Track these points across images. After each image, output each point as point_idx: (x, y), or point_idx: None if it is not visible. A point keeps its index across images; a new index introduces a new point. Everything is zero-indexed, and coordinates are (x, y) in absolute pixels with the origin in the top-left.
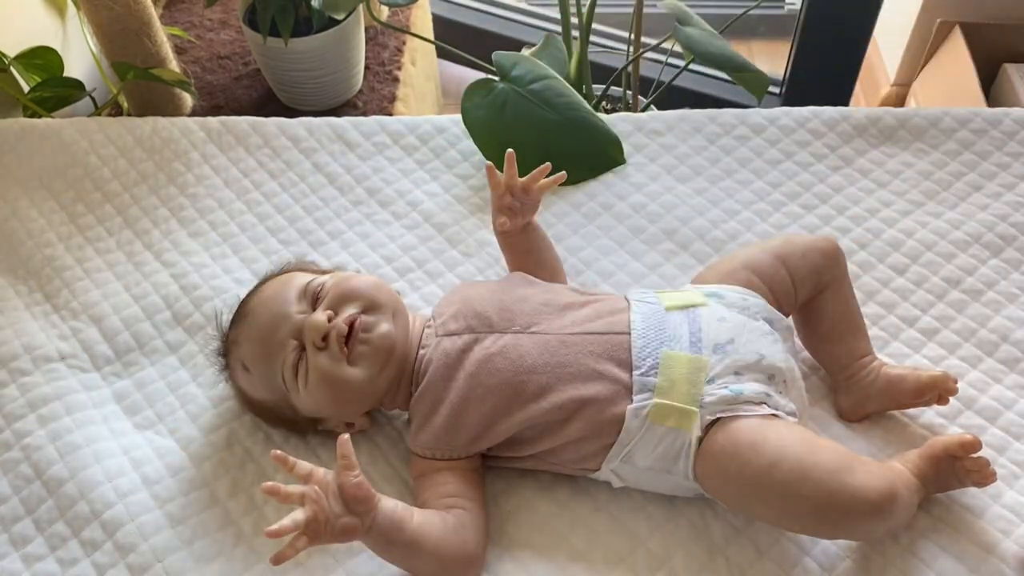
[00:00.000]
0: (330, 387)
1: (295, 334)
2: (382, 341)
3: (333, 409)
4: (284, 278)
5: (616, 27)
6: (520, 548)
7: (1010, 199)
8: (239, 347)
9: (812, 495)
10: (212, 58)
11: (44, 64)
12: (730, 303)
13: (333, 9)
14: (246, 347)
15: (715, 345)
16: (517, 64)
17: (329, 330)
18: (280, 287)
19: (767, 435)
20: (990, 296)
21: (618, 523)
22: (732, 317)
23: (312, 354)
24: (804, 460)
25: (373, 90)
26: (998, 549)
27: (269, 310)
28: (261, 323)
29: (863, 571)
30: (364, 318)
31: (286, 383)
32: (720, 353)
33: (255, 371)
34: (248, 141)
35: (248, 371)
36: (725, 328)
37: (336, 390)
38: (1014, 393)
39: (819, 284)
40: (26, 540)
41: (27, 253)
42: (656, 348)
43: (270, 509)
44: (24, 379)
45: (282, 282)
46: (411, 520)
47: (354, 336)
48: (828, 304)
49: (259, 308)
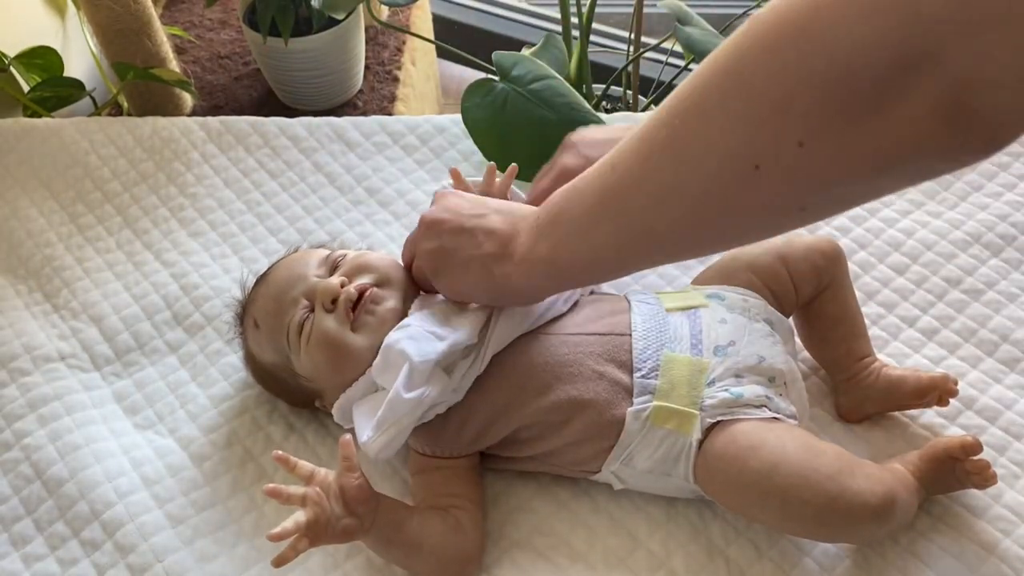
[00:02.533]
0: (329, 349)
1: (308, 295)
2: (388, 314)
3: (329, 374)
4: (309, 249)
5: (616, 27)
6: (520, 549)
7: (1010, 199)
8: (254, 304)
9: (811, 500)
10: (212, 58)
11: (44, 64)
12: (731, 305)
13: (333, 9)
14: (260, 303)
15: (716, 347)
16: (517, 64)
17: (339, 293)
18: (303, 254)
19: (766, 439)
20: (990, 296)
21: (618, 524)
22: (733, 319)
23: (319, 315)
24: (804, 464)
25: (373, 90)
26: (998, 549)
27: (289, 271)
28: (279, 280)
29: (863, 571)
30: (375, 290)
31: (289, 342)
32: (721, 355)
33: (264, 327)
34: (248, 141)
35: (258, 327)
36: (726, 330)
37: (334, 353)
38: (1014, 393)
39: (820, 284)
40: (26, 540)
41: (27, 253)
42: (657, 350)
43: (270, 509)
44: (24, 379)
45: (306, 251)
46: (411, 520)
47: (362, 304)
48: (829, 305)
49: (280, 269)
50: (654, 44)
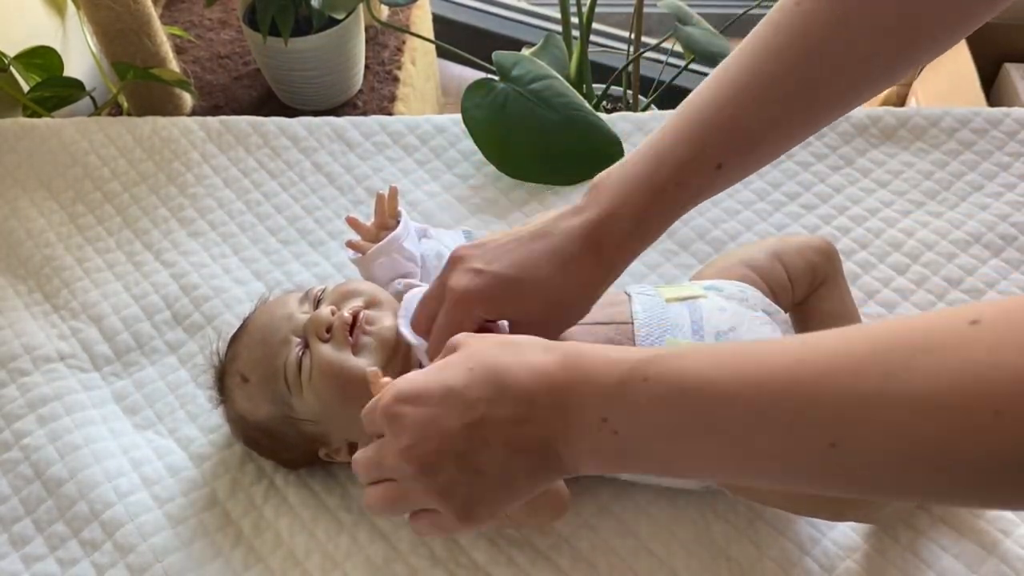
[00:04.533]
0: (335, 378)
1: (298, 332)
2: (387, 333)
3: (338, 407)
4: (283, 295)
5: (616, 27)
6: (520, 549)
7: (1010, 199)
8: (237, 359)
9: None
10: (212, 58)
11: (44, 64)
12: (729, 295)
13: (333, 9)
14: (245, 354)
15: (717, 333)
16: (517, 64)
17: (332, 321)
18: (280, 298)
19: None
20: (990, 296)
21: (620, 524)
22: (732, 307)
23: (316, 346)
24: None
25: (373, 90)
26: (998, 549)
27: (270, 316)
28: (261, 328)
29: (863, 571)
30: (368, 312)
31: (288, 383)
32: (722, 340)
33: (254, 377)
34: (248, 141)
35: (247, 381)
36: (726, 317)
37: (341, 381)
38: None
39: (815, 280)
40: (26, 540)
41: (27, 253)
42: (659, 336)
43: (270, 509)
44: (24, 379)
45: (280, 296)
46: None
47: (358, 326)
48: (824, 301)
49: (259, 318)
50: (654, 44)
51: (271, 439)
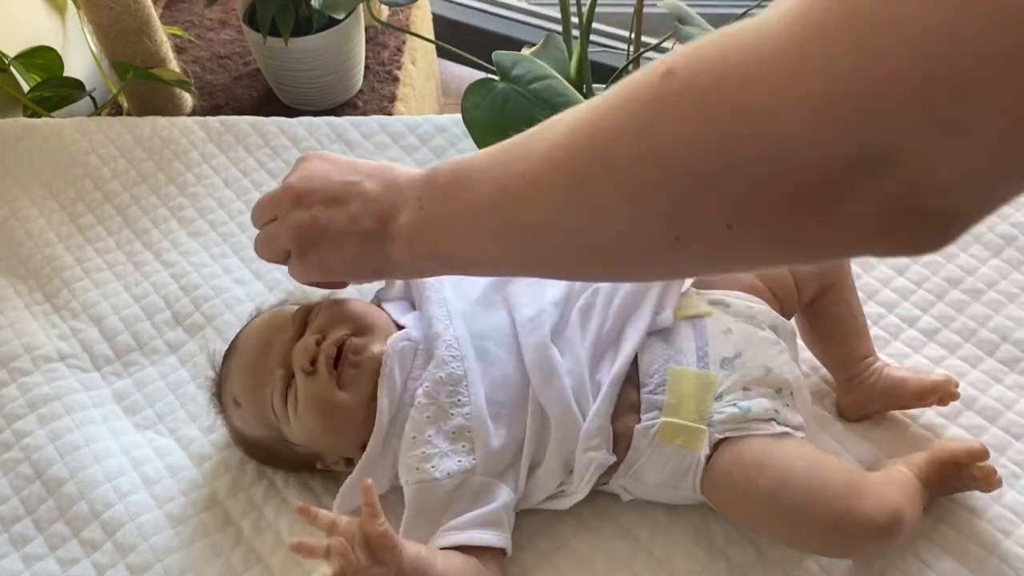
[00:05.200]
0: (321, 413)
1: (283, 361)
2: (373, 363)
3: (326, 438)
4: (275, 309)
5: (616, 27)
6: (522, 551)
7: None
8: (229, 382)
9: (819, 518)
10: (212, 58)
11: (44, 64)
12: (736, 312)
13: (333, 9)
14: (235, 379)
15: (722, 359)
16: (517, 64)
17: (317, 354)
18: (269, 316)
19: (773, 456)
20: (990, 296)
21: (620, 526)
22: (738, 328)
23: (301, 380)
24: (811, 483)
25: (373, 90)
26: (999, 549)
27: (257, 339)
28: (249, 351)
29: (864, 572)
30: (354, 340)
31: (276, 413)
32: (728, 368)
33: (245, 403)
34: (248, 141)
35: (239, 405)
36: (732, 341)
37: (327, 416)
38: (1014, 393)
39: (822, 284)
40: (26, 540)
41: (27, 253)
42: (663, 364)
43: (270, 509)
44: (24, 379)
45: (272, 312)
46: (435, 565)
47: (344, 358)
48: (831, 305)
49: (247, 339)
50: (654, 44)
51: (268, 453)
